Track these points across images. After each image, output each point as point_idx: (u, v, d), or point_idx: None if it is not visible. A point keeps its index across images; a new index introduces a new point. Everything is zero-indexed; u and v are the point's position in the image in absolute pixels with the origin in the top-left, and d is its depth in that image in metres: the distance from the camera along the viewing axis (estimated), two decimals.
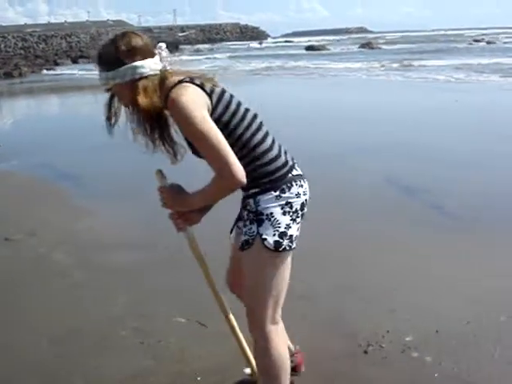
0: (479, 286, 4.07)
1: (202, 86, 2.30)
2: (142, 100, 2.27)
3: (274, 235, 2.36)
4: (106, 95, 2.43)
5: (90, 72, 37.76)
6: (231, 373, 3.13)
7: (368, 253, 4.77)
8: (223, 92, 2.38)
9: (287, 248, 2.39)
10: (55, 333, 3.64)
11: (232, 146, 2.26)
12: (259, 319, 2.49)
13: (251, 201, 2.39)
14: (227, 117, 2.33)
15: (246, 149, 2.35)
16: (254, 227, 2.37)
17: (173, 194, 2.42)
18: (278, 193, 2.36)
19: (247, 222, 2.41)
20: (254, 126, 2.40)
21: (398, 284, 4.16)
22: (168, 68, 2.40)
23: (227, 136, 2.28)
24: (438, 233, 5.21)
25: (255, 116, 2.44)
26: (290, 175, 2.41)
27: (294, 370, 2.93)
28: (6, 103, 22.44)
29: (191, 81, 2.30)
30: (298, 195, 2.41)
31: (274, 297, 2.48)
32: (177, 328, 3.61)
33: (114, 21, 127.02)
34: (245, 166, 2.25)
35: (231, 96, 2.40)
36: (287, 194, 2.38)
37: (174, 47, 74.29)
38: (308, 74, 25.06)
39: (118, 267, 4.47)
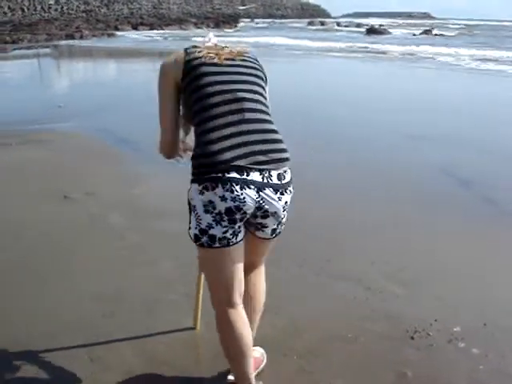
0: None
1: (186, 53, 2.44)
2: None
3: (196, 228, 2.32)
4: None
5: (149, 38, 38.38)
6: (277, 341, 3.21)
7: (420, 241, 4.77)
8: (201, 65, 2.37)
9: (205, 245, 2.33)
10: (104, 293, 3.74)
11: (192, 119, 2.39)
12: (211, 300, 2.51)
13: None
14: (190, 90, 2.38)
15: (196, 129, 2.36)
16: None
17: None
18: (200, 188, 2.24)
19: None
20: (211, 113, 2.28)
21: (449, 273, 4.15)
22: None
23: (189, 107, 2.39)
24: (491, 225, 5.17)
25: (224, 103, 2.30)
26: (220, 175, 2.18)
27: None
28: (67, 65, 22.88)
29: (187, 48, 2.49)
30: (222, 198, 2.20)
31: (212, 284, 2.47)
32: None
33: None
34: (194, 147, 2.32)
35: (211, 74, 2.36)
36: (209, 193, 2.22)
37: (233, 20, 74.46)
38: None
39: (171, 232, 4.55)
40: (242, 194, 2.20)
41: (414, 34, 48.35)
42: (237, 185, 2.19)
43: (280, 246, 4.53)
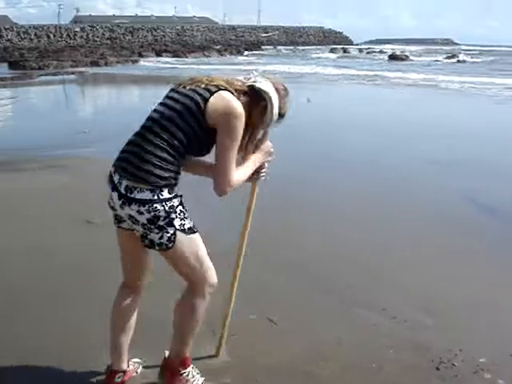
0: None
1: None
2: None
3: None
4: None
5: (173, 65, 38.85)
6: (301, 369, 3.17)
7: (446, 270, 4.71)
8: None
9: None
10: None
11: None
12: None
13: None
14: None
15: None
16: None
17: None
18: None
19: None
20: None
21: (476, 303, 4.09)
22: None
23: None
24: None
25: (147, 119, 2.69)
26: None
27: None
28: (91, 91, 23.21)
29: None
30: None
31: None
32: (248, 323, 3.66)
33: (199, 17, 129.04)
34: None
35: (165, 97, 2.77)
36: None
37: (256, 47, 75.24)
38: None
39: None
40: (108, 187, 2.69)
41: (437, 61, 48.33)
42: (109, 178, 2.70)
43: (304, 272, 4.50)
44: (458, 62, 48.10)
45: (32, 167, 8.06)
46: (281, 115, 2.79)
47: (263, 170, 2.97)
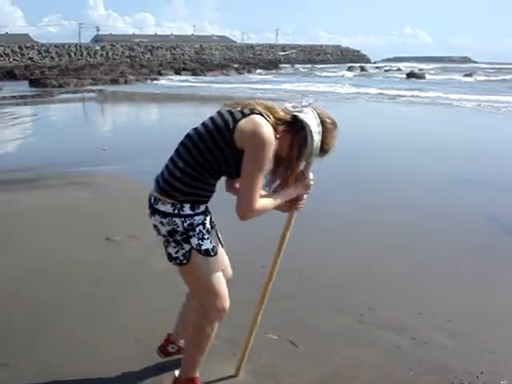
0: None
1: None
2: None
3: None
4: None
5: (192, 83, 39.11)
6: None
7: (467, 289, 4.67)
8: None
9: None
10: (146, 336, 3.74)
11: None
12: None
13: None
14: None
15: None
16: None
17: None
18: None
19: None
20: None
21: (497, 325, 4.04)
22: None
23: None
24: None
25: (185, 135, 2.75)
26: None
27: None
28: (111, 109, 23.43)
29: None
30: None
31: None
32: (268, 344, 3.66)
33: (218, 36, 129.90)
34: None
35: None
36: None
37: (273, 65, 75.59)
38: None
39: None
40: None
41: (454, 79, 48.19)
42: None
43: (321, 294, 4.49)
44: (475, 80, 47.92)
45: (52, 184, 8.14)
46: (324, 150, 2.72)
47: (301, 202, 2.93)
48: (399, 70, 68.51)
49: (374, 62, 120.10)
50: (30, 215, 6.66)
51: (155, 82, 42.16)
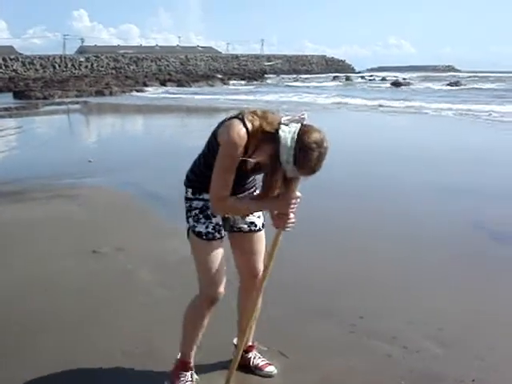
0: None
1: None
2: None
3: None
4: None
5: (177, 95, 39.12)
6: None
7: (458, 297, 4.65)
8: None
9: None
10: (132, 350, 3.70)
11: None
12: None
13: None
14: None
15: None
16: None
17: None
18: None
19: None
20: None
21: (488, 333, 4.02)
22: None
23: None
24: None
25: None
26: None
27: None
28: (96, 120, 23.36)
29: None
30: None
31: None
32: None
33: (203, 47, 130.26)
34: None
35: None
36: None
37: (259, 76, 75.78)
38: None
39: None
40: None
41: (439, 89, 48.51)
42: None
43: (311, 303, 4.46)
44: (459, 88, 48.29)
45: (38, 196, 8.07)
46: (305, 168, 2.62)
47: (290, 221, 2.89)
48: (384, 79, 68.86)
49: (359, 72, 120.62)
50: (15, 228, 6.59)
51: (140, 93, 42.12)
